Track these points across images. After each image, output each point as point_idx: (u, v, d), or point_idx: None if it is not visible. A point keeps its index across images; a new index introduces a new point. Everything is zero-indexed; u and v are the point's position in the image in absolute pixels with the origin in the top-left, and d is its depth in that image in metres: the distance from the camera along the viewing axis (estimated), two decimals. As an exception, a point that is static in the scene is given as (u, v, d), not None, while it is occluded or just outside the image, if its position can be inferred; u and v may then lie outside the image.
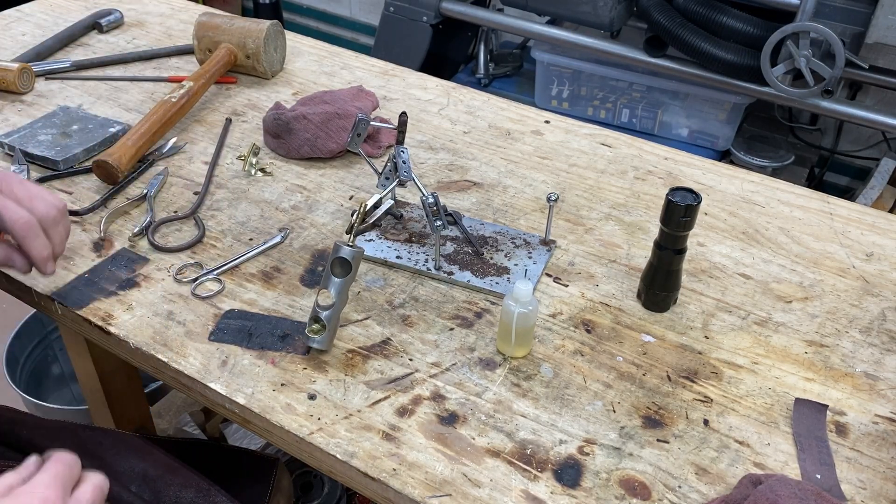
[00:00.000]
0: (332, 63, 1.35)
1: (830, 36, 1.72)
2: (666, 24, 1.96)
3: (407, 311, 0.85)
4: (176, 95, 1.12)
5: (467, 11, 2.28)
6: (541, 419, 0.74)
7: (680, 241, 0.82)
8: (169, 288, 0.87)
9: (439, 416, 0.74)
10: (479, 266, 0.91)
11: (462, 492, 0.67)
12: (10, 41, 1.36)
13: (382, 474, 0.69)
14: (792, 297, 0.89)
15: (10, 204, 0.77)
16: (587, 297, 0.88)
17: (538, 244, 0.94)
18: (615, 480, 0.69)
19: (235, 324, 0.83)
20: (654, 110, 2.23)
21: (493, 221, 0.99)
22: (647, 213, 1.01)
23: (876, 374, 0.80)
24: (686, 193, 0.80)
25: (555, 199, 0.91)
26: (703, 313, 0.86)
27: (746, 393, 0.77)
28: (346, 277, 0.77)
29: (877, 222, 1.01)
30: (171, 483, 0.89)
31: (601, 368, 0.79)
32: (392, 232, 0.96)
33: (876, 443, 0.73)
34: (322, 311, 0.77)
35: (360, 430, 0.72)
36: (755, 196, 1.05)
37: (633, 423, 0.74)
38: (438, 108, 1.22)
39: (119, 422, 1.45)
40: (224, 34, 1.26)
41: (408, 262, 0.91)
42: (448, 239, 0.95)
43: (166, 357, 0.79)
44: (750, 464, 0.71)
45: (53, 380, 1.92)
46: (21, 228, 0.76)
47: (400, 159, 0.91)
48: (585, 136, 1.17)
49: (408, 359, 0.80)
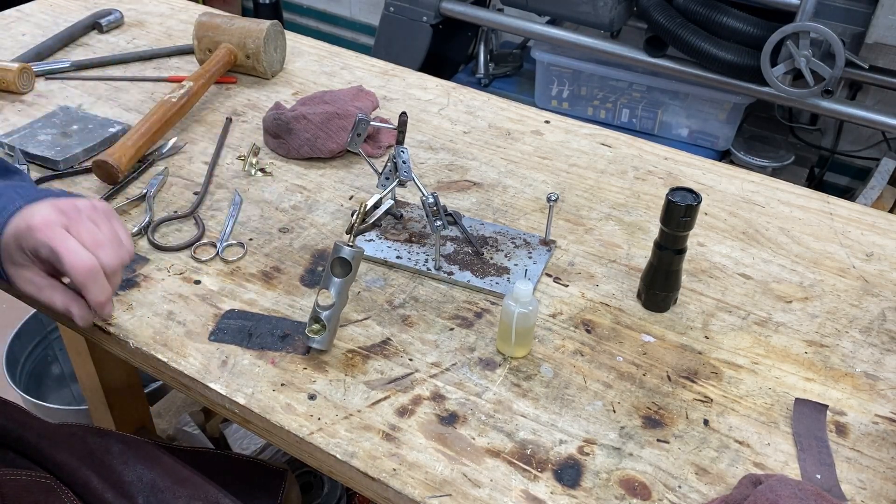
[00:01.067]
0: (332, 63, 1.35)
1: (830, 36, 1.72)
2: (666, 24, 1.96)
3: (407, 311, 0.85)
4: (176, 95, 1.12)
5: (467, 11, 2.28)
6: (541, 419, 0.74)
7: (680, 241, 0.82)
8: (169, 288, 0.87)
9: (439, 416, 0.74)
10: (479, 266, 0.91)
11: (462, 492, 0.67)
12: (10, 41, 1.36)
13: (382, 474, 0.68)
14: (792, 297, 0.89)
15: (74, 246, 0.69)
16: (587, 297, 0.88)
17: (538, 244, 0.94)
18: (615, 480, 0.69)
19: (235, 324, 0.83)
20: (654, 110, 2.23)
21: (493, 221, 0.99)
22: (647, 213, 1.01)
23: (876, 374, 0.80)
24: (686, 193, 0.80)
25: (555, 199, 0.91)
26: (703, 313, 0.86)
27: (746, 393, 0.77)
28: (346, 277, 0.77)
29: (877, 222, 1.01)
30: (179, 495, 0.88)
31: (601, 368, 0.79)
32: (392, 232, 0.96)
33: (876, 443, 0.73)
34: (322, 311, 0.77)
35: (360, 430, 0.72)
36: (755, 196, 1.05)
37: (633, 423, 0.74)
38: (438, 108, 1.22)
39: (119, 422, 1.45)
40: (224, 34, 1.26)
41: (408, 262, 0.91)
42: (448, 239, 0.95)
43: (166, 357, 0.79)
44: (750, 464, 0.71)
45: (53, 380, 1.92)
46: (81, 275, 0.69)
47: (400, 159, 0.91)
48: (585, 136, 1.17)
49: (408, 359, 0.80)
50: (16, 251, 0.72)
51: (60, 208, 0.71)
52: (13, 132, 1.09)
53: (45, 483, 0.84)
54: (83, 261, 0.69)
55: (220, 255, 0.91)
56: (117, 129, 1.11)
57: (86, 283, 0.70)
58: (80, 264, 0.69)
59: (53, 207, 0.71)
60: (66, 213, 0.71)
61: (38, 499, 0.81)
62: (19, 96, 1.21)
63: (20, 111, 1.17)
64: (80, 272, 0.69)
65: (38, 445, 0.88)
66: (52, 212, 0.70)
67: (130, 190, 1.02)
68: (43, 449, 0.88)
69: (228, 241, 0.94)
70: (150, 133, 1.07)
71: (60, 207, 0.71)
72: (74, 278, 0.69)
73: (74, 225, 0.70)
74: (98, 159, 1.00)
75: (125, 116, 1.17)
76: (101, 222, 0.73)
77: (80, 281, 0.69)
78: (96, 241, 0.71)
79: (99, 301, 0.71)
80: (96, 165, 1.00)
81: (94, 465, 0.89)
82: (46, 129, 1.10)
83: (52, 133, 1.09)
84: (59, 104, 1.19)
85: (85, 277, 0.69)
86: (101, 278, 0.71)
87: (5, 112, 1.17)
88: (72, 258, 0.68)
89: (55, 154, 1.04)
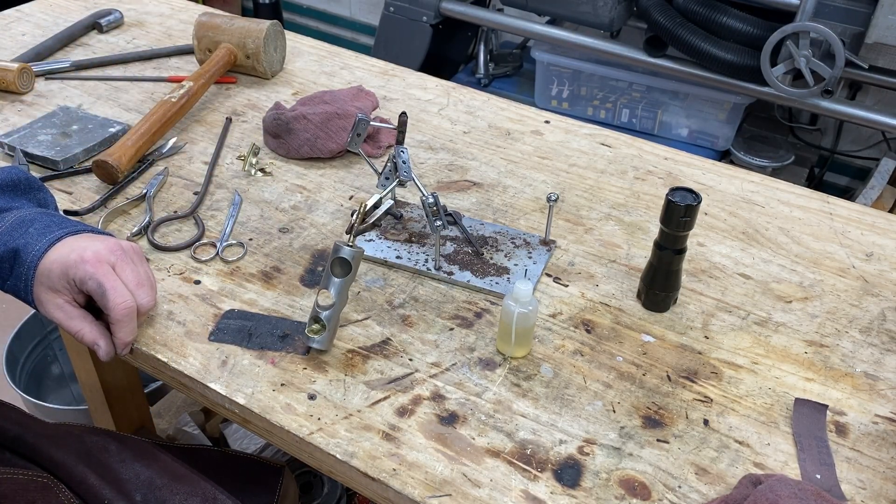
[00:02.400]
0: (332, 63, 1.35)
1: (830, 36, 1.72)
2: (666, 24, 1.96)
3: (407, 311, 0.85)
4: (176, 95, 1.12)
5: (467, 11, 2.28)
6: (541, 419, 0.74)
7: (680, 241, 0.82)
8: (169, 287, 0.87)
9: (439, 416, 0.74)
10: (479, 266, 0.91)
11: (462, 492, 0.67)
12: (10, 41, 1.36)
13: (382, 474, 0.68)
14: (792, 297, 0.89)
15: (120, 286, 0.75)
16: (587, 297, 0.88)
17: (538, 244, 0.94)
18: (615, 480, 0.69)
19: (235, 324, 0.83)
20: (653, 110, 2.23)
21: (493, 221, 0.99)
22: (647, 213, 1.01)
23: (876, 374, 0.80)
24: (686, 193, 0.80)
25: (555, 199, 0.91)
26: (703, 313, 0.86)
27: (746, 393, 0.77)
28: (346, 277, 0.77)
29: (877, 222, 1.01)
30: (177, 491, 0.89)
31: (601, 368, 0.79)
32: (392, 232, 0.96)
33: (876, 443, 0.73)
34: (322, 311, 0.77)
35: (359, 430, 0.72)
36: (755, 196, 1.05)
37: (632, 423, 0.74)
38: (438, 108, 1.22)
39: (119, 422, 1.45)
40: (224, 34, 1.26)
41: (408, 262, 0.91)
42: (448, 239, 0.95)
43: (166, 357, 0.79)
44: (750, 464, 0.71)
45: (53, 380, 1.92)
46: (121, 314, 0.74)
47: (400, 159, 0.91)
48: (585, 136, 1.17)
49: (408, 359, 0.80)
50: (58, 278, 0.76)
51: (110, 247, 0.77)
52: (13, 132, 1.09)
53: (42, 482, 0.84)
54: (125, 300, 0.75)
55: (219, 255, 0.91)
56: (117, 129, 1.11)
57: (122, 321, 0.75)
58: (122, 303, 0.75)
59: (104, 245, 0.77)
60: (114, 252, 0.77)
61: (35, 497, 0.82)
62: (19, 96, 1.21)
63: (20, 111, 1.17)
64: (120, 311, 0.75)
65: (35, 445, 0.89)
66: (103, 249, 0.76)
67: (130, 190, 1.02)
68: (40, 448, 0.88)
69: (228, 241, 0.94)
70: (150, 133, 1.07)
71: (110, 247, 0.77)
72: (114, 315, 0.75)
73: (120, 264, 0.77)
74: (98, 159, 1.00)
75: (125, 116, 1.17)
76: (139, 264, 0.79)
77: (118, 318, 0.75)
78: (138, 282, 0.77)
79: (126, 341, 0.77)
80: (96, 165, 1.01)
81: (92, 464, 0.89)
82: (46, 129, 1.10)
83: (52, 133, 1.09)
84: (58, 104, 1.19)
85: (123, 316, 0.75)
86: (135, 319, 0.77)
87: (5, 112, 1.17)
88: (116, 296, 0.74)
89: (55, 154, 1.04)
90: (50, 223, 0.79)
